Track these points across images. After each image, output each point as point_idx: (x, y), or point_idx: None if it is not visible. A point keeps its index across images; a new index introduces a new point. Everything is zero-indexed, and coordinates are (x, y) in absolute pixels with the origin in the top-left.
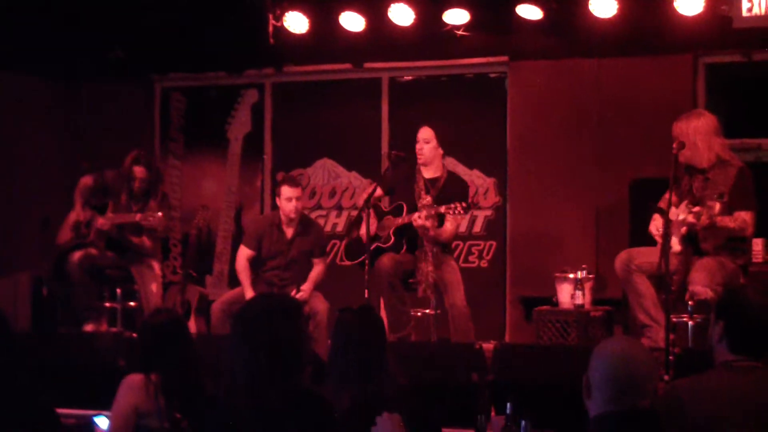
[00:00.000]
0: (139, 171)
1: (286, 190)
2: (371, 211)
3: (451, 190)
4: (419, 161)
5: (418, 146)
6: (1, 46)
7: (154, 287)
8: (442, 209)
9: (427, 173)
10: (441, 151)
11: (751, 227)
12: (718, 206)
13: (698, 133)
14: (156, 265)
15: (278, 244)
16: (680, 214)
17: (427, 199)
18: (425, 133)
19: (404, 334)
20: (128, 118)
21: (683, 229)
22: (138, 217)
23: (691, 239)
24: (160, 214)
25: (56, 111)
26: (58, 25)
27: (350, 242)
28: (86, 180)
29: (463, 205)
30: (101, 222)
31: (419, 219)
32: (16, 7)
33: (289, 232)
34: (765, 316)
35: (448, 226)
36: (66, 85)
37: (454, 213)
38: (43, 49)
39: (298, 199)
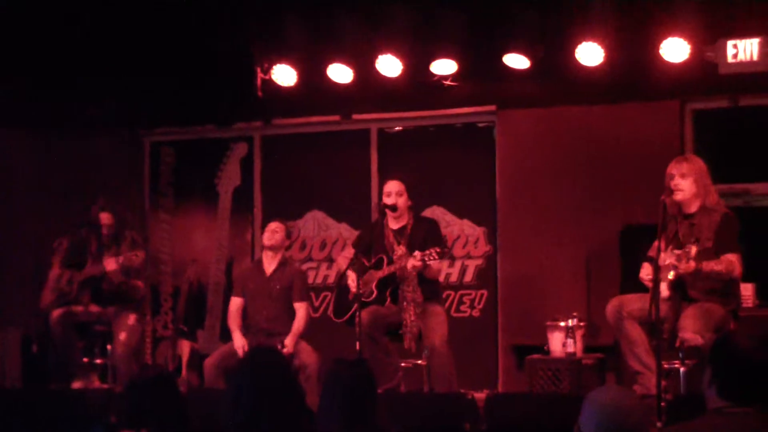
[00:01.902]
0: (105, 217)
1: (269, 225)
2: (356, 273)
3: (419, 234)
4: (394, 214)
5: (391, 200)
6: None
7: (123, 336)
8: (419, 257)
9: (395, 224)
10: (410, 202)
11: (738, 268)
12: (694, 249)
13: (707, 175)
14: (132, 317)
15: (259, 281)
16: (666, 259)
17: (402, 250)
18: (397, 186)
19: (392, 385)
20: (117, 173)
21: (671, 275)
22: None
23: (679, 286)
24: (142, 253)
25: (44, 167)
26: (44, 80)
27: (336, 300)
28: (62, 241)
29: (437, 250)
30: (111, 265)
31: (414, 261)
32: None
33: (269, 268)
34: (752, 362)
35: (433, 265)
36: (55, 141)
37: (429, 260)
38: (28, 103)
39: (274, 231)
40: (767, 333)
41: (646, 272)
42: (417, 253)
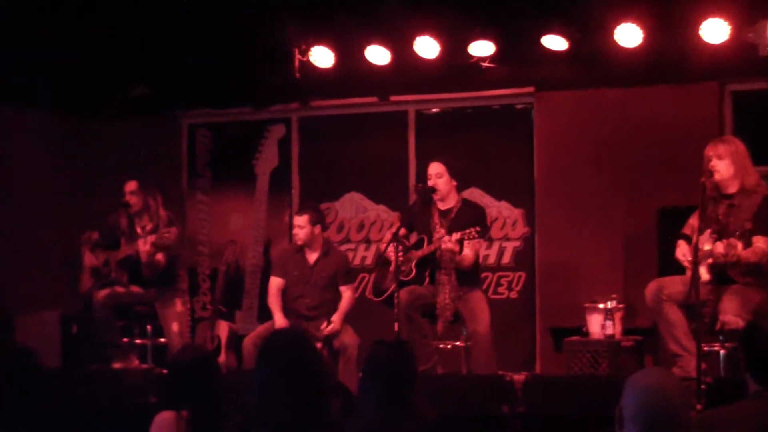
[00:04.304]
0: (133, 198)
1: (294, 219)
2: (398, 246)
3: (463, 219)
4: (436, 196)
5: (431, 182)
6: (27, 83)
7: (175, 326)
8: (458, 236)
9: (442, 206)
10: (455, 183)
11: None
12: (740, 245)
13: (746, 156)
14: (179, 302)
15: (301, 269)
16: (706, 244)
17: (441, 232)
18: (437, 168)
19: (428, 366)
20: (155, 155)
21: (709, 260)
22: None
23: (717, 267)
24: (174, 228)
25: (82, 149)
26: (83, 63)
27: (376, 277)
28: (90, 235)
29: (477, 229)
30: (144, 245)
31: (448, 243)
32: (41, 46)
33: (312, 257)
34: None
35: (467, 251)
36: (93, 123)
37: (468, 238)
38: (66, 85)
39: (300, 227)
40: None
41: (681, 251)
42: (455, 233)
